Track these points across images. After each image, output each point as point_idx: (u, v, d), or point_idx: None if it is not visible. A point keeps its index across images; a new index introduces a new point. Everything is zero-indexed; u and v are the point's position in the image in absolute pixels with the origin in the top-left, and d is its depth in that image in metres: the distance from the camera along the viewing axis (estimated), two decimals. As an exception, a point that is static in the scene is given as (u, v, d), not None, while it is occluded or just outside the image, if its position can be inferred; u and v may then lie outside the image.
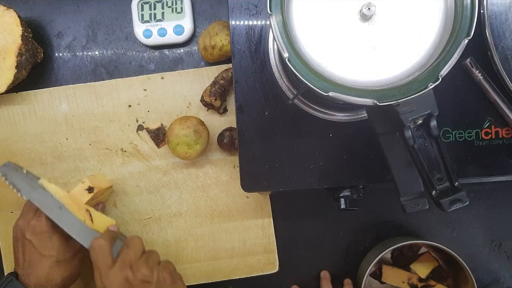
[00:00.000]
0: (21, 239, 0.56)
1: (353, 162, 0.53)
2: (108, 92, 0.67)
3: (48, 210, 0.56)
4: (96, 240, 0.54)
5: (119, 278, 0.51)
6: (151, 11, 0.66)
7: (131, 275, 0.51)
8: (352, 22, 0.39)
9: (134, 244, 0.55)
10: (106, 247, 0.53)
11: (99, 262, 0.52)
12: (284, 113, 0.53)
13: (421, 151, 0.40)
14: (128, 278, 0.51)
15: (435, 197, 0.40)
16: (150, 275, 0.52)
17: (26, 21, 0.66)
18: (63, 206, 0.56)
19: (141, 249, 0.55)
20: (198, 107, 0.67)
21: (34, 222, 0.56)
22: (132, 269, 0.52)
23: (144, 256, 0.54)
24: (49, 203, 0.56)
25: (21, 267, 0.56)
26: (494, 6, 0.48)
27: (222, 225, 0.67)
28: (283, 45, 0.37)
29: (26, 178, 0.57)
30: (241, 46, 0.54)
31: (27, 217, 0.57)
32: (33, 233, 0.55)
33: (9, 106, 0.67)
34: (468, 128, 0.52)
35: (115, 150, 0.67)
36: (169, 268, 0.55)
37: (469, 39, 0.36)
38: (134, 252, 0.53)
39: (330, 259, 0.68)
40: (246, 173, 0.54)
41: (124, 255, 0.53)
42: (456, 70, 0.51)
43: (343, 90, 0.37)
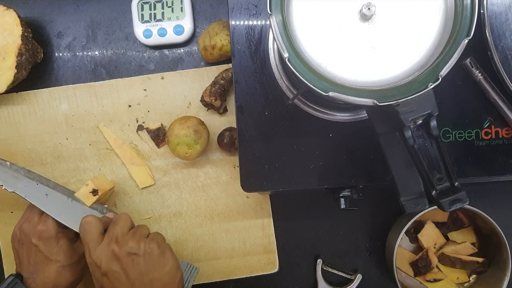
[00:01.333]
0: (26, 243, 0.56)
1: (353, 162, 0.53)
2: (108, 92, 0.67)
3: (34, 199, 0.56)
4: (85, 217, 0.55)
5: (106, 253, 0.52)
6: (151, 11, 0.66)
7: (117, 249, 0.52)
8: (352, 22, 0.39)
9: (121, 220, 0.55)
10: (94, 224, 0.54)
11: (88, 238, 0.53)
12: (284, 113, 0.53)
13: (421, 151, 0.40)
14: (114, 251, 0.52)
15: (435, 197, 0.40)
16: (137, 247, 0.52)
17: (26, 21, 0.66)
18: (50, 191, 0.57)
19: (128, 224, 0.55)
20: (198, 107, 0.67)
21: (41, 227, 0.56)
22: (119, 243, 0.52)
23: (131, 231, 0.55)
24: (34, 192, 0.56)
25: (25, 271, 0.56)
26: (494, 6, 0.48)
27: (222, 225, 0.67)
28: (283, 45, 0.37)
29: (10, 170, 0.57)
30: (241, 46, 0.54)
31: (32, 221, 0.56)
32: (39, 238, 0.55)
33: (9, 106, 0.67)
34: (468, 128, 0.52)
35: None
36: (157, 239, 0.55)
37: (469, 39, 0.36)
38: (120, 227, 0.54)
39: (330, 259, 0.68)
40: (246, 173, 0.54)
41: (111, 231, 0.54)
42: (456, 70, 0.51)
43: (343, 90, 0.37)
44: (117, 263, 0.52)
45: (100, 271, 0.52)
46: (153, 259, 0.52)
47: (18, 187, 0.56)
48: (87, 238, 0.53)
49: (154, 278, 0.52)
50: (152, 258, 0.53)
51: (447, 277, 0.64)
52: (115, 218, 0.56)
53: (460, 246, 0.63)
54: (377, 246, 0.68)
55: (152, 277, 0.52)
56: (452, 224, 0.66)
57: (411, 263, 0.65)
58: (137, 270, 0.52)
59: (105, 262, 0.52)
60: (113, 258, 0.52)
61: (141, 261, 0.52)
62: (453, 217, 0.66)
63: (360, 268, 0.68)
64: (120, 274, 0.51)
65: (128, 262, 0.51)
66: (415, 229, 0.66)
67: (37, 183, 0.57)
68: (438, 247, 0.64)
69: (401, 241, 0.61)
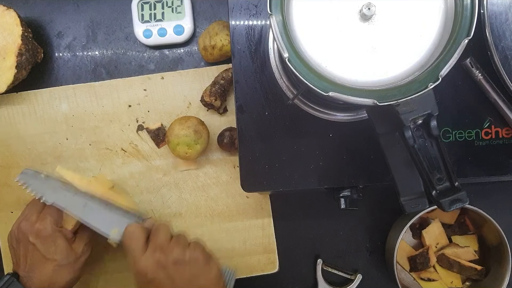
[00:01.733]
0: (23, 241, 0.56)
1: (353, 162, 0.53)
2: (108, 92, 0.67)
3: (73, 210, 0.56)
4: (130, 226, 0.55)
5: (151, 262, 0.52)
6: (151, 11, 0.66)
7: (164, 258, 0.52)
8: (352, 22, 0.39)
9: (162, 229, 0.55)
10: (139, 233, 0.54)
11: (133, 246, 0.53)
12: (284, 113, 0.53)
13: (421, 151, 0.40)
14: (160, 260, 0.52)
15: (435, 197, 0.40)
16: (183, 255, 0.52)
17: (26, 21, 0.66)
18: (88, 202, 0.57)
19: (169, 233, 0.55)
20: (198, 107, 0.67)
21: (39, 226, 0.55)
22: (164, 252, 0.52)
23: (173, 239, 0.55)
24: (72, 202, 0.56)
25: (22, 269, 0.56)
26: (494, 6, 0.48)
27: (222, 225, 0.67)
28: (283, 45, 0.37)
29: (46, 182, 0.57)
30: (241, 46, 0.54)
31: (30, 220, 0.56)
32: (37, 236, 0.55)
33: (9, 106, 0.67)
34: (468, 128, 0.52)
35: (115, 150, 0.67)
36: (200, 247, 0.55)
37: (469, 39, 0.36)
38: (163, 236, 0.54)
39: (330, 259, 0.68)
40: (246, 173, 0.54)
41: (154, 240, 0.54)
42: (456, 70, 0.51)
43: (343, 90, 0.37)
44: (163, 272, 0.51)
45: (146, 279, 0.52)
46: (198, 267, 0.53)
47: (56, 198, 0.56)
48: (132, 247, 0.53)
49: (200, 285, 0.52)
50: (198, 266, 0.53)
51: (441, 279, 0.64)
52: (156, 227, 0.56)
53: (461, 250, 0.63)
54: (377, 246, 0.68)
55: (198, 284, 0.52)
56: (458, 228, 0.66)
57: (409, 257, 0.65)
58: (183, 278, 0.52)
59: (151, 270, 0.51)
60: (159, 267, 0.52)
61: (187, 269, 0.52)
62: (460, 221, 0.66)
63: (360, 268, 0.68)
64: (167, 282, 0.51)
65: (174, 270, 0.52)
66: (420, 225, 0.66)
67: (74, 194, 0.57)
68: (440, 247, 0.64)
69: (404, 234, 0.61)
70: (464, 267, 0.62)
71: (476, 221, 0.65)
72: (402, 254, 0.65)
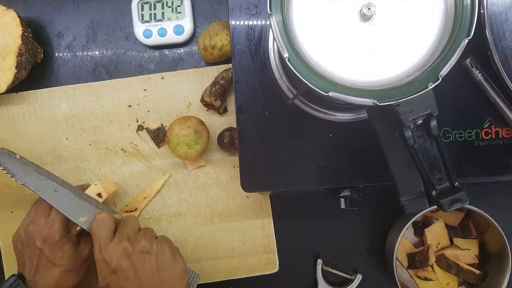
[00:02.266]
0: (30, 245, 0.56)
1: (353, 162, 0.53)
2: (108, 92, 0.67)
3: (43, 193, 0.56)
4: (99, 213, 0.56)
5: (118, 250, 0.52)
6: (151, 11, 0.66)
7: (130, 247, 0.52)
8: (352, 22, 0.39)
9: (130, 220, 0.56)
10: (108, 220, 0.54)
11: (100, 234, 0.53)
12: (284, 113, 0.53)
13: (421, 151, 0.40)
14: (127, 249, 0.52)
15: (435, 197, 0.40)
16: (150, 246, 0.53)
17: (26, 21, 0.66)
18: (59, 188, 0.57)
19: (138, 225, 0.56)
20: (198, 107, 0.67)
21: (47, 232, 0.55)
22: (131, 241, 0.52)
23: (141, 231, 0.55)
24: (44, 186, 0.57)
25: (27, 272, 0.55)
26: (494, 6, 0.48)
27: (222, 225, 0.67)
28: (283, 45, 0.37)
29: (19, 163, 0.58)
30: (241, 46, 0.54)
31: (38, 224, 0.56)
32: (44, 242, 0.55)
33: (9, 106, 0.67)
34: (468, 128, 0.52)
35: (115, 150, 0.67)
36: (167, 241, 0.56)
37: (469, 39, 0.36)
38: (131, 227, 0.54)
39: (330, 259, 0.68)
40: (246, 173, 0.54)
41: (122, 229, 0.54)
42: (456, 70, 0.51)
43: (343, 90, 0.37)
44: (128, 261, 0.51)
45: (110, 268, 0.52)
46: (165, 259, 0.53)
47: (28, 180, 0.57)
48: (99, 234, 0.53)
49: (164, 278, 0.52)
50: (164, 258, 0.53)
51: (438, 279, 0.64)
52: (125, 218, 0.57)
53: (462, 252, 0.63)
54: (377, 246, 0.68)
55: (162, 277, 0.52)
56: (461, 230, 0.66)
57: (409, 254, 0.65)
58: (148, 269, 0.52)
59: (116, 259, 0.51)
60: (124, 256, 0.52)
61: (153, 260, 0.52)
62: (464, 224, 0.66)
63: (360, 268, 0.68)
64: (130, 271, 0.51)
65: (139, 260, 0.52)
66: (423, 224, 0.66)
67: (46, 178, 0.58)
68: (440, 247, 0.64)
69: (405, 231, 0.61)
70: (462, 270, 0.62)
71: (479, 226, 0.65)
72: (402, 250, 0.65)
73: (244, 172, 0.54)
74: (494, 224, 0.59)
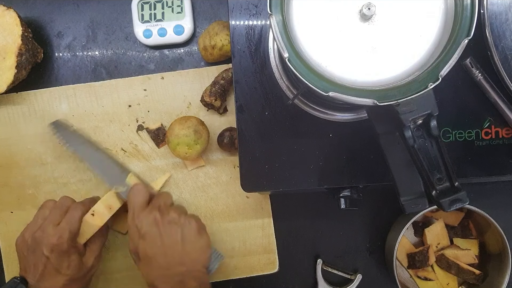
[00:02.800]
0: (36, 251, 0.55)
1: (353, 162, 0.53)
2: (108, 92, 0.67)
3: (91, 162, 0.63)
4: (137, 184, 0.60)
5: (148, 218, 0.56)
6: (151, 11, 0.66)
7: (159, 217, 0.56)
8: (352, 22, 0.39)
9: (164, 195, 0.60)
10: (143, 192, 0.59)
11: (135, 202, 0.58)
12: (284, 113, 0.53)
13: (421, 151, 0.40)
14: (156, 218, 0.55)
15: (435, 197, 0.40)
16: (178, 218, 0.56)
17: (26, 21, 0.66)
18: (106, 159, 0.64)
19: (170, 200, 0.60)
20: (198, 107, 0.67)
21: (56, 241, 0.54)
22: (162, 212, 0.56)
23: (173, 205, 0.60)
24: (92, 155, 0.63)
25: (31, 277, 0.55)
26: (494, 6, 0.48)
27: (222, 225, 0.67)
28: (283, 45, 0.37)
29: (73, 134, 0.64)
30: (241, 46, 0.54)
31: (46, 232, 0.55)
32: (52, 251, 0.54)
33: (9, 106, 0.67)
34: (468, 128, 0.52)
35: (115, 150, 0.67)
36: (196, 217, 0.59)
37: (469, 39, 0.36)
38: (163, 200, 0.59)
39: (330, 259, 0.68)
40: (246, 173, 0.54)
41: (155, 201, 0.59)
42: (456, 70, 0.51)
43: (343, 90, 0.37)
44: (156, 228, 0.55)
45: (139, 233, 0.55)
46: (190, 232, 0.56)
47: (79, 148, 0.63)
48: (134, 202, 0.57)
49: (187, 250, 0.55)
50: (190, 231, 0.56)
51: (437, 279, 0.64)
52: (159, 193, 0.61)
53: (462, 252, 0.63)
54: (377, 246, 0.68)
55: (185, 248, 0.55)
56: (461, 231, 0.66)
57: (409, 254, 0.65)
58: (173, 239, 0.55)
59: (146, 226, 0.55)
60: (153, 224, 0.55)
61: (179, 231, 0.55)
62: (464, 224, 0.66)
63: (360, 268, 0.68)
64: (157, 238, 0.55)
65: (166, 229, 0.55)
66: (423, 224, 0.66)
67: (95, 149, 0.64)
68: (440, 247, 0.64)
69: (405, 231, 0.61)
70: (462, 270, 0.62)
71: (480, 226, 0.65)
72: (402, 250, 0.65)
73: (244, 172, 0.54)
74: (494, 224, 0.59)
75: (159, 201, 0.58)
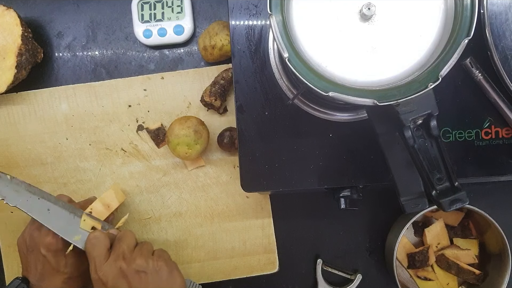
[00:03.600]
0: (34, 251, 0.55)
1: (353, 162, 0.53)
2: (108, 92, 0.67)
3: (36, 214, 0.55)
4: (93, 232, 0.55)
5: (113, 270, 0.51)
6: (151, 11, 0.66)
7: (125, 266, 0.51)
8: (352, 22, 0.39)
9: (126, 237, 0.55)
10: (102, 239, 0.53)
11: (95, 253, 0.52)
12: (284, 113, 0.53)
13: (421, 151, 0.40)
14: (122, 269, 0.51)
15: (435, 197, 0.40)
16: (145, 265, 0.51)
17: (26, 21, 0.66)
18: (52, 207, 0.56)
19: (134, 241, 0.55)
20: (198, 107, 0.67)
21: (50, 240, 0.54)
22: (126, 261, 0.51)
23: (137, 247, 0.54)
24: (36, 206, 0.55)
25: (32, 277, 0.55)
26: (494, 6, 0.48)
27: (222, 225, 0.67)
28: (283, 45, 0.37)
29: (11, 184, 0.56)
30: (241, 46, 0.54)
31: (42, 231, 0.55)
32: (48, 249, 0.54)
33: (9, 106, 0.67)
34: (468, 128, 0.52)
35: (115, 150, 0.67)
36: (164, 256, 0.54)
37: (469, 39, 0.36)
38: (126, 244, 0.53)
39: (330, 259, 0.68)
40: (246, 173, 0.54)
41: (117, 247, 0.53)
42: (456, 70, 0.51)
43: (343, 90, 0.37)
44: (124, 281, 0.51)
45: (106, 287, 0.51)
46: (161, 277, 0.52)
47: (19, 201, 0.55)
48: (94, 254, 0.52)
49: None
50: (161, 276, 0.52)
51: (438, 280, 0.64)
52: (120, 235, 0.55)
53: (462, 252, 0.63)
54: (377, 246, 0.68)
55: None
56: (461, 231, 0.66)
57: (409, 254, 0.65)
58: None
59: (112, 279, 0.51)
60: (120, 276, 0.51)
61: (149, 279, 0.51)
62: (464, 224, 0.66)
63: (360, 268, 0.68)
64: None
65: (136, 280, 0.51)
66: (423, 224, 0.66)
67: (39, 197, 0.56)
68: (440, 247, 0.64)
69: (405, 231, 0.61)
70: (462, 270, 0.62)
71: (480, 226, 0.65)
72: (402, 250, 0.65)
73: (244, 172, 0.54)
74: (494, 224, 0.59)
75: (121, 246, 0.53)
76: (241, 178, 0.54)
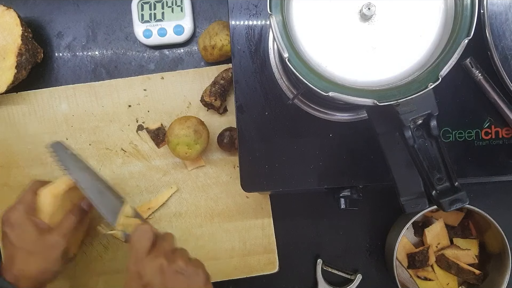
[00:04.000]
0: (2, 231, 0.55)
1: (353, 162, 0.53)
2: (108, 92, 0.67)
3: (91, 193, 0.57)
4: (142, 224, 0.55)
5: (153, 266, 0.51)
6: (151, 11, 0.66)
7: (166, 264, 0.51)
8: (352, 22, 0.39)
9: (170, 237, 0.55)
10: (149, 234, 0.53)
11: (139, 245, 0.52)
12: (284, 113, 0.53)
13: (421, 151, 0.40)
14: (162, 266, 0.51)
15: (435, 197, 0.40)
16: (185, 268, 0.52)
17: (26, 21, 0.66)
18: (104, 191, 0.58)
19: (174, 244, 0.56)
20: (198, 107, 0.67)
21: (9, 213, 0.55)
22: (168, 259, 0.52)
23: (178, 250, 0.54)
24: (92, 187, 0.57)
25: (4, 260, 0.55)
26: (494, 6, 0.48)
27: (222, 225, 0.67)
28: (283, 45, 0.37)
29: (72, 159, 0.58)
30: (241, 46, 0.54)
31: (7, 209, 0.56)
32: (7, 224, 0.54)
33: (9, 106, 0.67)
34: (468, 128, 0.52)
35: (115, 150, 0.67)
36: (202, 266, 0.54)
37: (469, 39, 0.36)
38: (169, 245, 0.54)
39: (330, 259, 0.68)
40: (246, 173, 0.54)
41: (161, 245, 0.53)
42: (456, 70, 0.51)
43: (343, 90, 0.37)
44: (161, 278, 0.51)
45: (141, 281, 0.51)
46: (197, 284, 0.52)
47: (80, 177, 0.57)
48: (138, 245, 0.52)
49: None
50: (196, 283, 0.52)
51: (437, 279, 0.64)
52: (163, 234, 0.56)
53: (462, 252, 0.63)
54: (377, 246, 0.68)
55: None
56: (461, 231, 0.66)
57: (409, 254, 0.65)
58: None
59: (150, 274, 0.51)
60: (158, 272, 0.51)
61: (185, 282, 0.51)
62: (464, 225, 0.66)
63: (360, 268, 0.68)
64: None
65: (172, 280, 0.51)
66: (423, 224, 0.66)
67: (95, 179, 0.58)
68: (440, 247, 0.64)
69: (405, 231, 0.61)
70: (462, 270, 0.62)
71: (480, 226, 0.65)
72: (402, 250, 0.65)
73: (244, 172, 0.54)
74: (494, 224, 0.59)
75: (165, 245, 0.53)
76: (241, 178, 0.54)
